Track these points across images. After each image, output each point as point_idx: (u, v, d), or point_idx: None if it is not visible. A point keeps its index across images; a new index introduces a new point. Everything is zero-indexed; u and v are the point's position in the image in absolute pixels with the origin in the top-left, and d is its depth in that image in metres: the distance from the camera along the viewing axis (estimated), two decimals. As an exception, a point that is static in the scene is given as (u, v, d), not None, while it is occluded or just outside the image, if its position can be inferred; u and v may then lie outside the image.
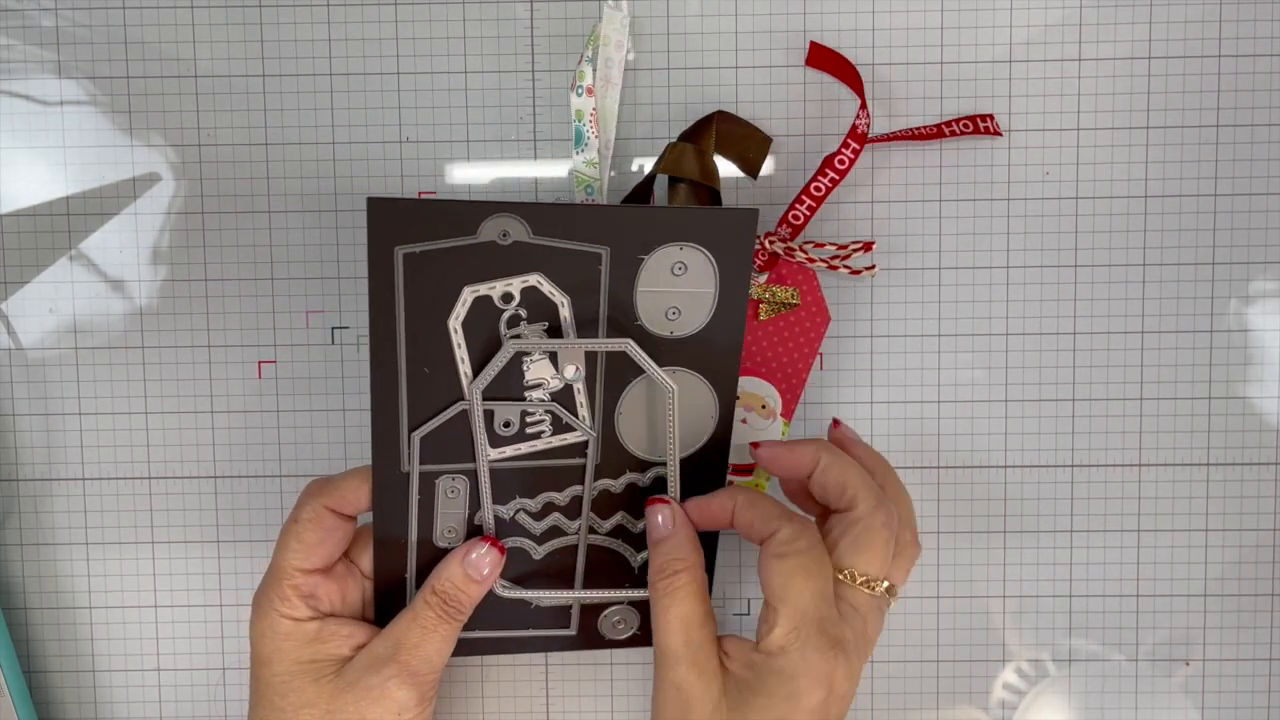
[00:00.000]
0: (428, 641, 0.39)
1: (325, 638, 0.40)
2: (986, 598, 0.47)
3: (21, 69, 0.46)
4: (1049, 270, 0.46)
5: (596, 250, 0.38)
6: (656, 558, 0.40)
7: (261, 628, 0.40)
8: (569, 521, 0.42)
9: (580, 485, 0.41)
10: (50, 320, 0.47)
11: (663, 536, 0.40)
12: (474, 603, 0.41)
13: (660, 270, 0.39)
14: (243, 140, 0.46)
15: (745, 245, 0.39)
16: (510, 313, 0.39)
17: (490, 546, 0.41)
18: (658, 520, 0.40)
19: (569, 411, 0.40)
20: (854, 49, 0.45)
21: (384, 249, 0.37)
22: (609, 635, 0.44)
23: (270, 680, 0.39)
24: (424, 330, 0.39)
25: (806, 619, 0.37)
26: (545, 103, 0.46)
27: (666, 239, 0.39)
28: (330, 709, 0.39)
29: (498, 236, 0.38)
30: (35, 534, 0.48)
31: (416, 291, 0.38)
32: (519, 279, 0.39)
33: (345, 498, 0.40)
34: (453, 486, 0.41)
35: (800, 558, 0.37)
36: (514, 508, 0.41)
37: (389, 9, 0.46)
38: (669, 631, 0.38)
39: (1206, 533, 0.47)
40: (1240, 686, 0.48)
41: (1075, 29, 0.46)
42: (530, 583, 0.43)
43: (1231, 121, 0.46)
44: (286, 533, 0.40)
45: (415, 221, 0.37)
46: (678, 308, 0.40)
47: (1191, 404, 0.47)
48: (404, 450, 0.40)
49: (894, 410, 0.47)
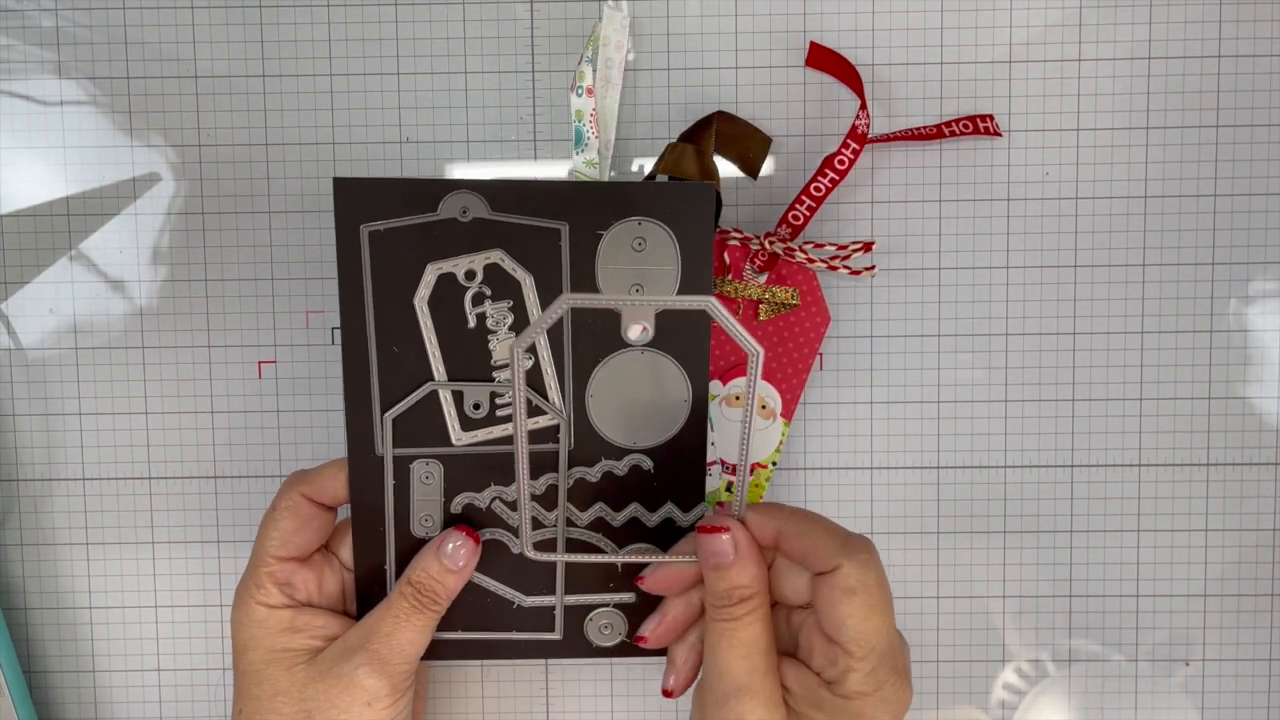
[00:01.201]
0: (400, 631, 0.39)
1: (299, 627, 0.40)
2: (986, 598, 0.47)
3: (21, 69, 0.46)
4: (1049, 270, 0.46)
5: (555, 226, 0.39)
6: (719, 583, 0.37)
7: (239, 616, 0.40)
8: (546, 513, 0.41)
9: (555, 473, 0.41)
10: (50, 320, 0.47)
11: (726, 564, 0.37)
12: (450, 594, 0.40)
13: (620, 246, 0.39)
14: (243, 140, 0.46)
15: (704, 220, 0.39)
16: (474, 290, 0.39)
17: (466, 537, 0.40)
18: (723, 548, 0.37)
19: (538, 394, 0.40)
20: (854, 49, 0.45)
21: (350, 227, 0.39)
22: (596, 641, 0.43)
23: (246, 669, 0.40)
24: (391, 309, 0.39)
25: (883, 660, 0.35)
26: (545, 103, 0.46)
27: (624, 214, 0.39)
28: (302, 697, 0.39)
29: (458, 213, 0.39)
30: (35, 534, 0.48)
31: (383, 269, 0.39)
32: (481, 255, 0.39)
33: (323, 486, 0.40)
34: (427, 472, 0.41)
35: (872, 594, 0.35)
36: (489, 496, 0.41)
37: (389, 9, 0.46)
38: (733, 658, 0.36)
39: (1206, 533, 0.47)
40: (1240, 686, 0.48)
41: (1075, 29, 0.46)
42: (510, 580, 0.42)
43: (1231, 121, 0.46)
44: (265, 521, 0.40)
45: (379, 199, 0.39)
46: (640, 284, 0.40)
47: (1191, 404, 0.47)
48: (377, 432, 0.40)
49: (894, 410, 0.47)
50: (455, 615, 0.41)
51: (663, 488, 0.41)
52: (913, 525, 0.47)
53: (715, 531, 0.37)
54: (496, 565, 0.42)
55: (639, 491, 0.41)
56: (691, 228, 0.39)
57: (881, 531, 0.47)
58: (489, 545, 0.42)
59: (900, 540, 0.47)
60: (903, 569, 0.47)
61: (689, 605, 0.40)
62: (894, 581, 0.47)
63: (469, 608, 0.42)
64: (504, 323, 0.40)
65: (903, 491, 0.47)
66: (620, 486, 0.41)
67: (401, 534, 0.41)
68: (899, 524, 0.47)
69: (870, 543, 0.37)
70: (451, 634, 0.42)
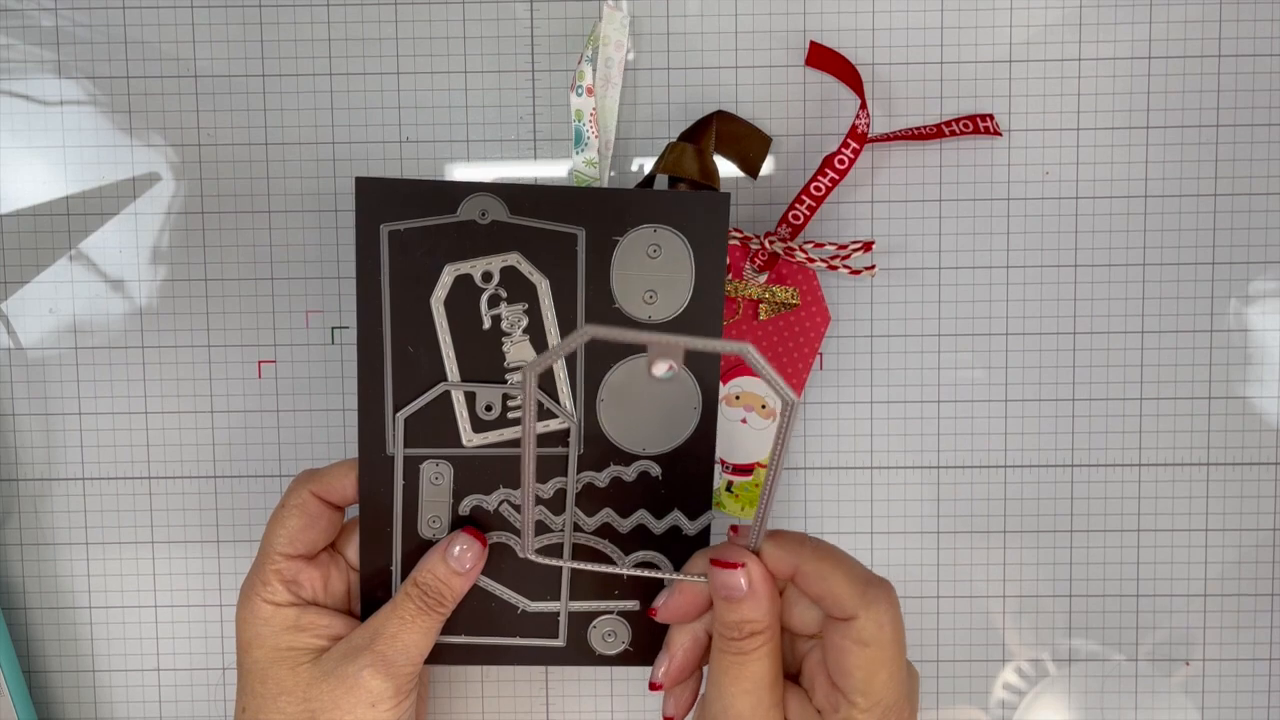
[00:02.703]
0: (405, 632, 0.39)
1: (304, 625, 0.40)
2: (986, 598, 0.47)
3: (21, 69, 0.46)
4: (1049, 270, 0.46)
5: (572, 231, 0.40)
6: (729, 614, 0.36)
7: (243, 613, 0.40)
8: (554, 517, 0.42)
9: (564, 477, 0.41)
10: (50, 320, 0.47)
11: (739, 598, 0.36)
12: (457, 596, 0.40)
13: (635, 252, 0.40)
14: (243, 140, 0.46)
15: (719, 229, 0.40)
16: (490, 292, 0.40)
17: (473, 539, 0.40)
18: (736, 583, 0.36)
19: (550, 396, 0.40)
20: (854, 49, 0.45)
21: (370, 227, 0.39)
22: (599, 649, 0.43)
23: (251, 667, 0.40)
24: (408, 308, 0.40)
25: (888, 713, 0.35)
26: (545, 103, 0.46)
27: (640, 220, 0.40)
28: (306, 697, 0.39)
29: (477, 215, 0.39)
30: (35, 534, 0.48)
31: (401, 269, 0.40)
32: (499, 258, 0.40)
33: (332, 485, 0.40)
34: (437, 473, 0.41)
35: (885, 648, 0.34)
36: (498, 498, 0.41)
37: (389, 9, 0.46)
38: (738, 692, 0.36)
39: (1206, 533, 0.47)
40: (1240, 686, 0.48)
41: (1075, 29, 0.46)
42: (515, 584, 0.42)
43: (1231, 121, 0.46)
44: (273, 518, 0.40)
45: (400, 199, 0.39)
46: (654, 290, 0.40)
47: (1191, 404, 0.47)
48: (389, 431, 0.40)
49: (894, 410, 0.47)
50: (459, 619, 0.41)
51: (670, 495, 0.41)
52: (913, 525, 0.47)
53: (729, 567, 0.36)
54: (502, 569, 0.42)
55: (646, 498, 0.41)
56: (706, 236, 0.40)
57: (881, 531, 0.47)
58: (495, 549, 0.42)
59: (900, 540, 0.47)
60: (903, 569, 0.47)
61: (696, 642, 0.39)
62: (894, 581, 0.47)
63: (473, 611, 0.42)
64: (519, 325, 0.40)
65: (903, 491, 0.47)
66: (628, 492, 0.41)
67: (409, 535, 0.41)
68: (899, 524, 0.47)
69: (890, 590, 0.35)
70: (455, 638, 0.42)
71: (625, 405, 0.41)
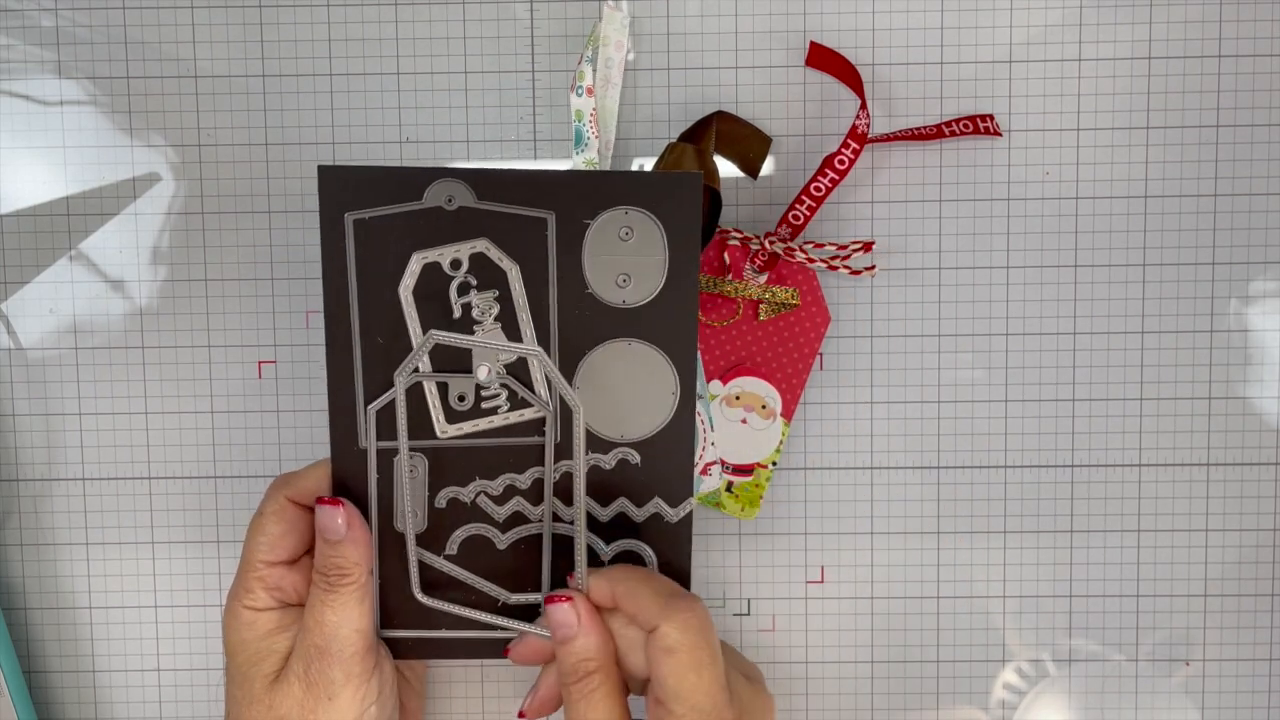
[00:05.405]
0: (326, 616, 0.39)
1: (286, 626, 0.40)
2: (986, 598, 0.47)
3: (21, 69, 0.46)
4: (1049, 270, 0.46)
5: (542, 215, 0.39)
6: (566, 658, 0.38)
7: (228, 620, 0.40)
8: (532, 508, 0.41)
9: (541, 467, 0.41)
10: (50, 320, 0.47)
11: (569, 636, 0.38)
12: (355, 563, 0.39)
13: (607, 235, 0.39)
14: (243, 140, 0.46)
15: (691, 210, 0.39)
16: (460, 280, 0.39)
17: (326, 505, 0.39)
18: (565, 619, 0.38)
19: (524, 385, 0.40)
20: (854, 49, 0.45)
21: (334, 216, 0.38)
22: None
23: (234, 673, 0.40)
24: (375, 299, 0.39)
25: (706, 716, 0.36)
26: (545, 103, 0.46)
27: (610, 203, 0.39)
28: (271, 704, 0.39)
29: (443, 201, 0.39)
30: (35, 534, 0.48)
31: (367, 259, 0.39)
32: (467, 245, 0.39)
33: (307, 489, 0.40)
34: (411, 465, 0.40)
35: (690, 653, 0.36)
36: (474, 490, 0.41)
37: (389, 9, 0.46)
38: None
39: (1206, 533, 0.47)
40: (1240, 686, 0.48)
41: (1075, 29, 0.46)
42: (494, 577, 0.42)
43: (1231, 121, 0.46)
44: (252, 526, 0.40)
45: (364, 187, 0.38)
46: (627, 274, 0.39)
47: (1191, 404, 0.47)
48: (360, 425, 0.40)
49: (894, 410, 0.47)
50: (439, 614, 0.41)
51: (650, 482, 0.41)
52: (913, 525, 0.47)
53: (558, 601, 0.38)
54: (481, 562, 0.41)
55: (626, 486, 0.41)
56: (679, 217, 0.39)
57: (881, 531, 0.47)
58: (474, 542, 0.41)
59: (900, 540, 0.47)
60: (903, 569, 0.47)
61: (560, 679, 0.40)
62: (894, 581, 0.47)
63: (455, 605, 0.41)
64: (490, 313, 0.40)
65: (903, 491, 0.47)
66: (607, 481, 0.41)
67: (384, 529, 0.41)
68: (899, 524, 0.47)
69: (695, 602, 0.37)
70: (438, 632, 0.42)
71: (601, 393, 0.40)
